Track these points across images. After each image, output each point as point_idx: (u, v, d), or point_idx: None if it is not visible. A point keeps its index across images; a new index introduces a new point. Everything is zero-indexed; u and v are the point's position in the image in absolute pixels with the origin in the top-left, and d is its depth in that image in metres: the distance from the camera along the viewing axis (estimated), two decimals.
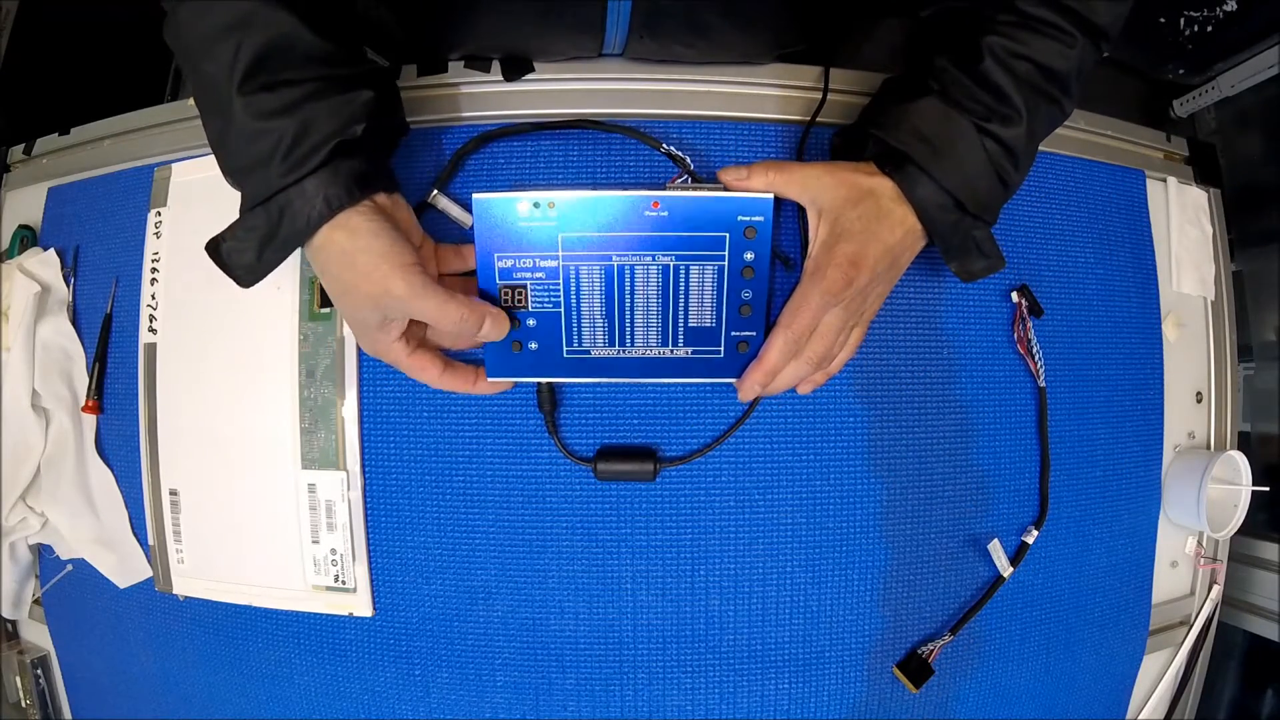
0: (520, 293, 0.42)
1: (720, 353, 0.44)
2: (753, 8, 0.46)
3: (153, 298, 0.51)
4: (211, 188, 0.37)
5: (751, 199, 0.40)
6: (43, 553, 0.57)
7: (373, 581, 0.49)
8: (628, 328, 0.43)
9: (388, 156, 0.43)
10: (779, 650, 0.49)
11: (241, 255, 0.38)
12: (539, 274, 0.41)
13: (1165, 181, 0.59)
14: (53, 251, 0.55)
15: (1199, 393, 0.59)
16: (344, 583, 0.49)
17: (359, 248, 0.37)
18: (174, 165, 0.52)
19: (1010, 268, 0.51)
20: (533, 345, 0.43)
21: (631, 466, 0.47)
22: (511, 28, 0.47)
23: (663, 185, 0.46)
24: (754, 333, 0.43)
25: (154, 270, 0.52)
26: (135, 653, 0.54)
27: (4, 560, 0.55)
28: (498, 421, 0.48)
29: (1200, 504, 0.53)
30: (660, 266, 0.41)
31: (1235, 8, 0.69)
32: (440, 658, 0.49)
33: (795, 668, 0.49)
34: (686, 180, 0.47)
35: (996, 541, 0.50)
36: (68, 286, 0.54)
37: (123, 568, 0.53)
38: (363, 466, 0.48)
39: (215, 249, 0.38)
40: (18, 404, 0.53)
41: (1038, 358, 0.51)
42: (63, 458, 0.53)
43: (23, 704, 0.58)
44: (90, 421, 0.54)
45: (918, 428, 0.50)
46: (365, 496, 0.49)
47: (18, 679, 0.58)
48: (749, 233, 0.41)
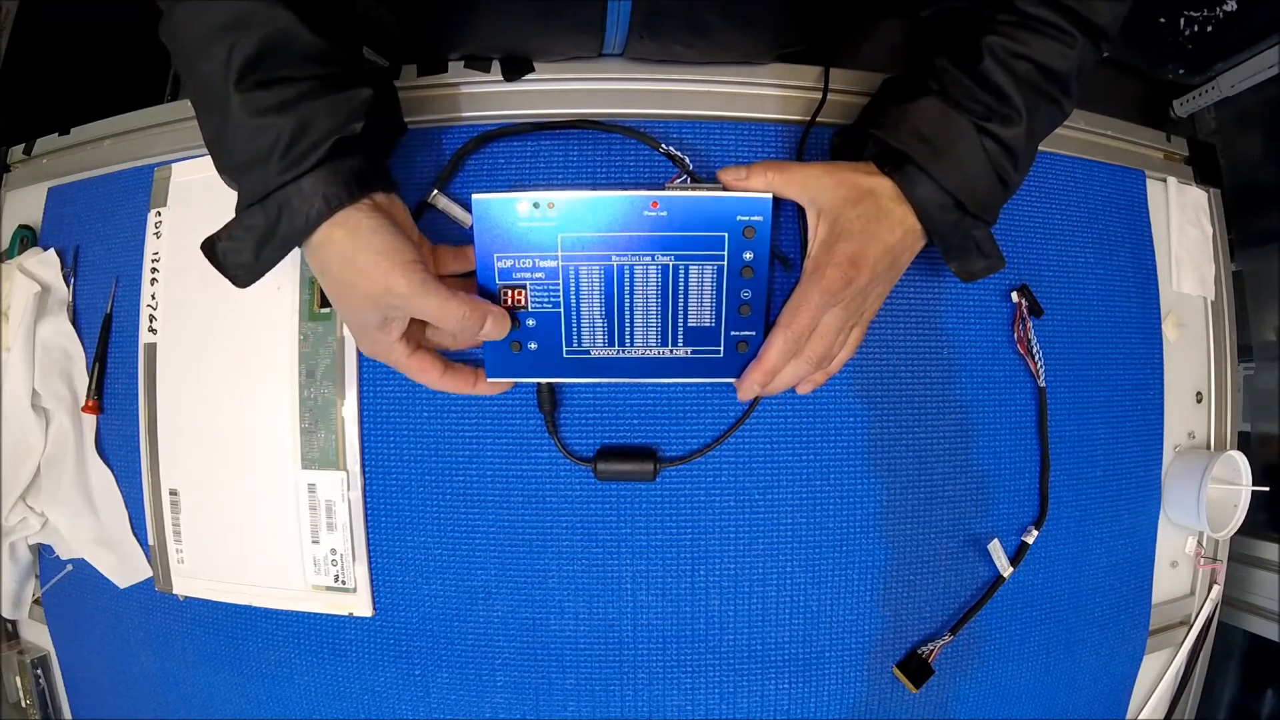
0: (520, 293, 0.42)
1: (720, 352, 0.44)
2: (753, 8, 0.46)
3: (153, 298, 0.51)
4: (211, 188, 0.37)
5: (750, 199, 0.40)
6: (43, 553, 0.57)
7: (373, 581, 0.49)
8: (627, 328, 0.43)
9: (385, 156, 0.43)
10: (779, 650, 0.49)
11: (238, 254, 0.37)
12: (539, 274, 0.41)
13: (1165, 181, 0.59)
14: (53, 251, 0.55)
15: (1199, 393, 0.59)
16: (344, 583, 0.49)
17: (359, 245, 0.36)
18: (174, 165, 0.52)
19: (1010, 268, 0.51)
20: (532, 345, 0.43)
21: (631, 466, 0.47)
22: (511, 28, 0.47)
23: (662, 185, 0.46)
24: (753, 332, 0.43)
25: (154, 270, 0.52)
26: (135, 653, 0.54)
27: (4, 560, 0.55)
28: (498, 421, 0.48)
29: (1200, 504, 0.53)
30: (660, 266, 0.41)
31: (1235, 8, 0.69)
32: (440, 658, 0.49)
33: (795, 668, 0.49)
34: (685, 180, 0.47)
35: (996, 541, 0.50)
36: (68, 286, 0.54)
37: (123, 568, 0.53)
38: (363, 466, 0.48)
39: (211, 248, 0.38)
40: (18, 404, 0.53)
41: (1038, 358, 0.51)
42: (63, 458, 0.53)
43: (23, 704, 0.58)
44: (90, 421, 0.54)
45: (918, 428, 0.50)
46: (365, 496, 0.49)
47: (18, 679, 0.58)
48: (748, 232, 0.41)
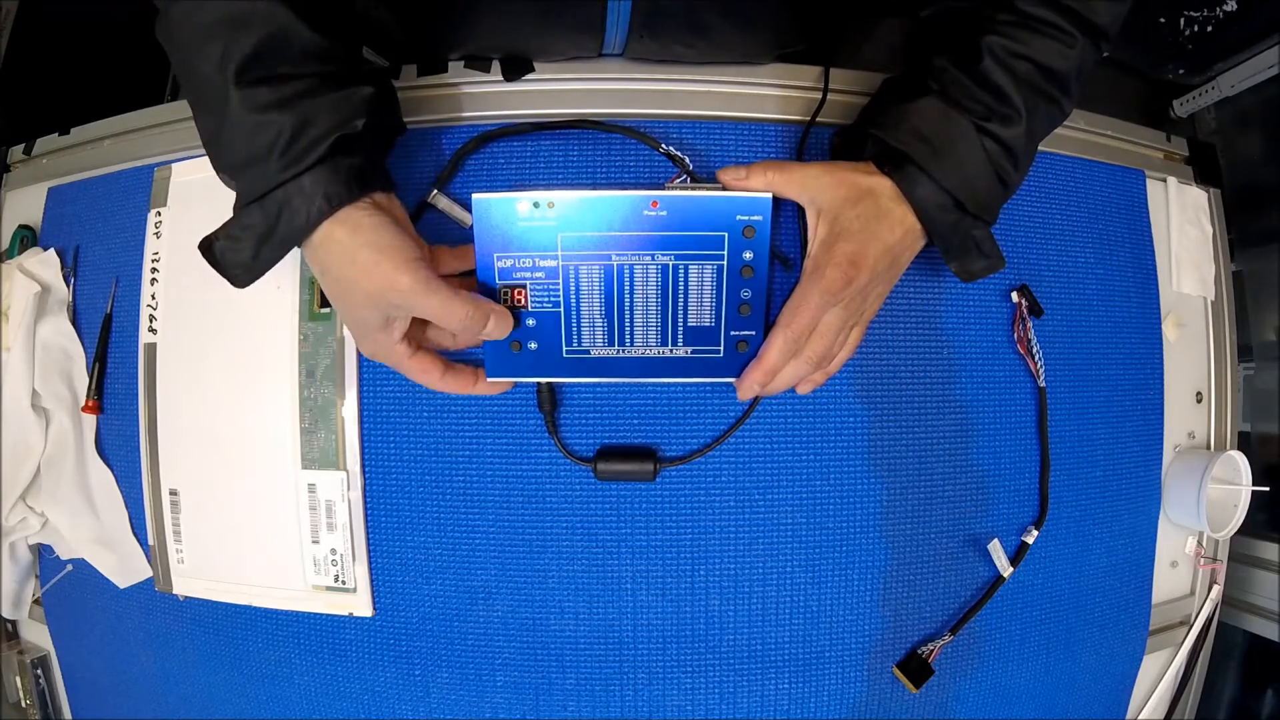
0: (520, 292, 0.42)
1: (720, 352, 0.44)
2: (753, 8, 0.46)
3: (153, 298, 0.51)
4: (211, 188, 0.37)
5: (750, 198, 0.40)
6: (43, 553, 0.57)
7: (373, 581, 0.49)
8: (627, 327, 0.43)
9: (384, 156, 0.43)
10: (779, 650, 0.49)
11: (237, 254, 0.37)
12: (539, 274, 0.41)
13: (1165, 181, 0.59)
14: (53, 251, 0.55)
15: (1199, 393, 0.59)
16: (344, 583, 0.49)
17: (361, 243, 0.36)
18: (174, 165, 0.52)
19: (1010, 268, 0.51)
20: (532, 345, 0.43)
21: (631, 466, 0.47)
22: (511, 28, 0.47)
23: (662, 185, 0.46)
24: (753, 332, 0.43)
25: (154, 270, 0.52)
26: (135, 653, 0.54)
27: (4, 560, 0.55)
28: (498, 421, 0.48)
29: (1200, 504, 0.53)
30: (659, 266, 0.41)
31: (1235, 8, 0.69)
32: (440, 658, 0.49)
33: (795, 668, 0.49)
34: (685, 180, 0.47)
35: (996, 541, 0.50)
36: (68, 286, 0.54)
37: (123, 568, 0.53)
38: (363, 466, 0.48)
39: (208, 248, 0.37)
40: (18, 404, 0.53)
41: (1038, 358, 0.51)
42: (63, 458, 0.53)
43: (23, 704, 0.58)
44: (90, 421, 0.54)
45: (918, 428, 0.50)
46: (365, 496, 0.49)
47: (18, 679, 0.58)
48: (748, 232, 0.41)
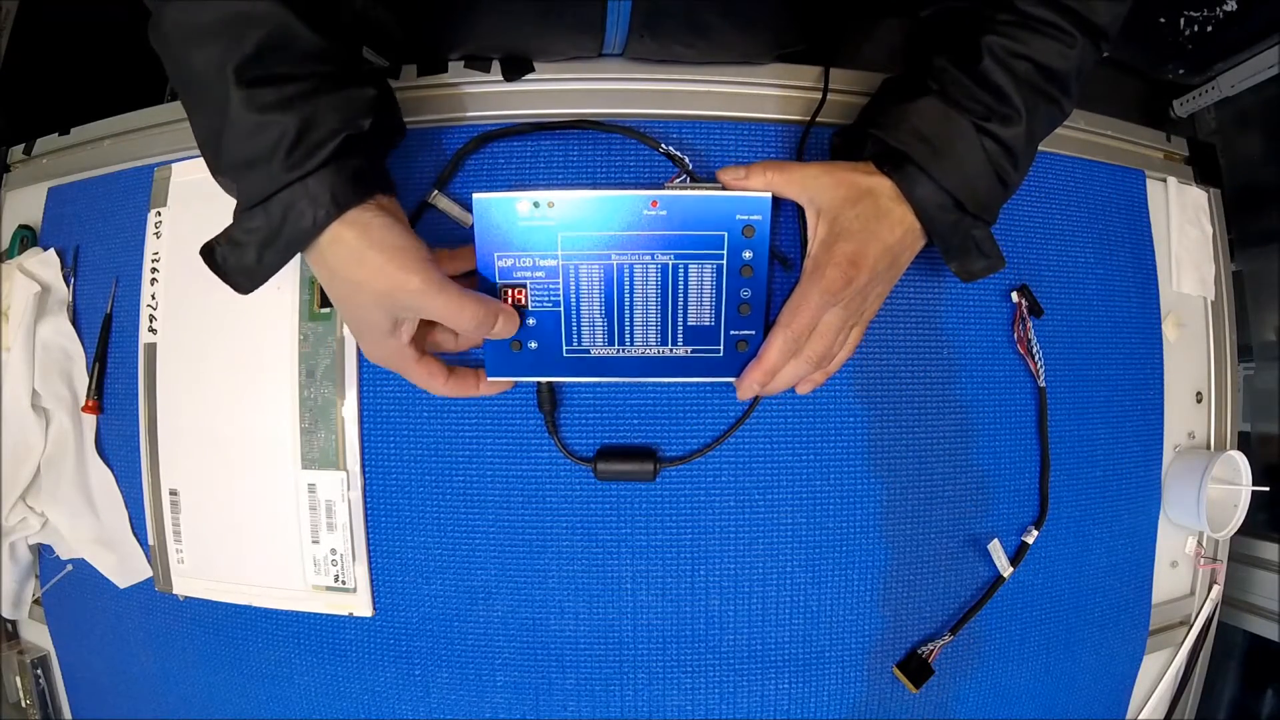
0: (520, 292, 0.42)
1: (720, 352, 0.44)
2: (753, 8, 0.46)
3: (153, 298, 0.51)
4: (212, 188, 0.37)
5: (750, 198, 0.40)
6: (43, 553, 0.57)
7: (373, 581, 0.49)
8: (627, 327, 0.43)
9: (385, 157, 0.43)
10: (779, 650, 0.49)
11: (240, 259, 0.36)
12: (539, 273, 0.41)
13: (1165, 181, 0.59)
14: (53, 251, 0.55)
15: (1199, 393, 0.59)
16: (344, 583, 0.49)
17: (370, 243, 0.36)
18: (174, 165, 0.52)
19: (1010, 268, 0.51)
20: (532, 345, 0.43)
21: (631, 466, 0.47)
22: (511, 28, 0.47)
23: (662, 185, 0.46)
24: (753, 332, 0.43)
25: (154, 270, 0.52)
26: (135, 653, 0.54)
27: (4, 560, 0.55)
28: (498, 421, 0.48)
29: (1200, 504, 0.53)
30: (659, 266, 0.41)
31: (1235, 8, 0.68)
32: (440, 658, 0.49)
33: (795, 668, 0.49)
34: (685, 180, 0.47)
35: (996, 541, 0.50)
36: (68, 286, 0.54)
37: (123, 568, 0.53)
38: (363, 466, 0.48)
39: (210, 254, 0.37)
40: (18, 404, 0.53)
41: (1038, 358, 0.51)
42: (63, 458, 0.53)
43: (23, 704, 0.58)
44: (90, 421, 0.54)
45: (918, 428, 0.50)
46: (365, 496, 0.49)
47: (18, 679, 0.58)
48: (747, 232, 0.41)
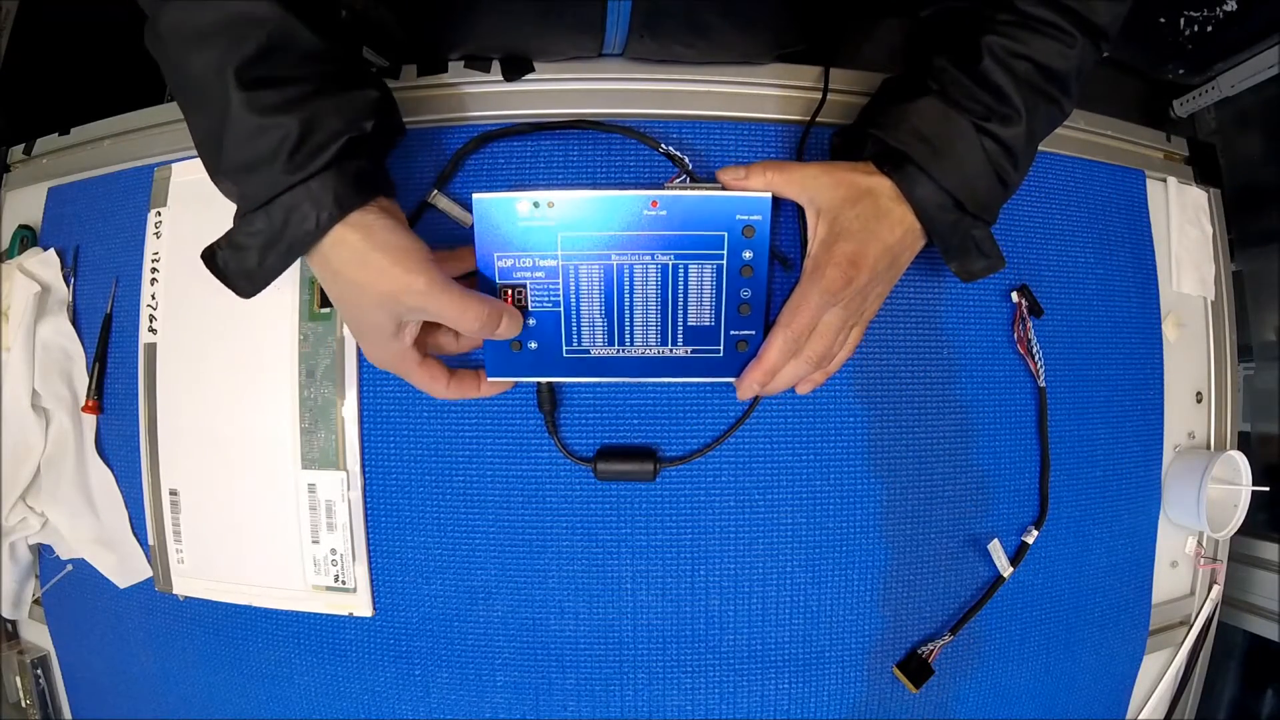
0: (520, 292, 0.42)
1: (719, 352, 0.44)
2: (753, 8, 0.46)
3: (153, 298, 0.51)
4: (212, 188, 0.37)
5: (749, 198, 0.40)
6: (43, 553, 0.57)
7: (373, 581, 0.49)
8: (627, 327, 0.43)
9: (385, 159, 0.43)
10: (779, 650, 0.49)
11: (241, 263, 0.36)
12: (539, 273, 0.41)
13: (1165, 181, 0.59)
14: (53, 251, 0.55)
15: (1199, 393, 0.59)
16: (344, 583, 0.49)
17: (375, 245, 0.36)
18: (174, 165, 0.52)
19: (1010, 268, 0.51)
20: (532, 345, 0.43)
21: (631, 466, 0.47)
22: (511, 28, 0.47)
23: (662, 185, 0.46)
24: (753, 332, 0.43)
25: (154, 270, 0.52)
26: (135, 653, 0.54)
27: (4, 560, 0.55)
28: (498, 421, 0.48)
29: (1200, 504, 0.53)
30: (659, 266, 0.41)
31: (1235, 8, 0.68)
32: (440, 658, 0.49)
33: (795, 668, 0.49)
34: (685, 180, 0.47)
35: (996, 541, 0.50)
36: (68, 286, 0.54)
37: (123, 568, 0.53)
38: (363, 466, 0.48)
39: (211, 258, 0.37)
40: (18, 404, 0.53)
41: (1038, 358, 0.51)
42: (63, 458, 0.53)
43: (23, 704, 0.58)
44: (90, 421, 0.53)
45: (918, 428, 0.50)
46: (365, 496, 0.49)
47: (18, 679, 0.58)
48: (747, 232, 0.41)
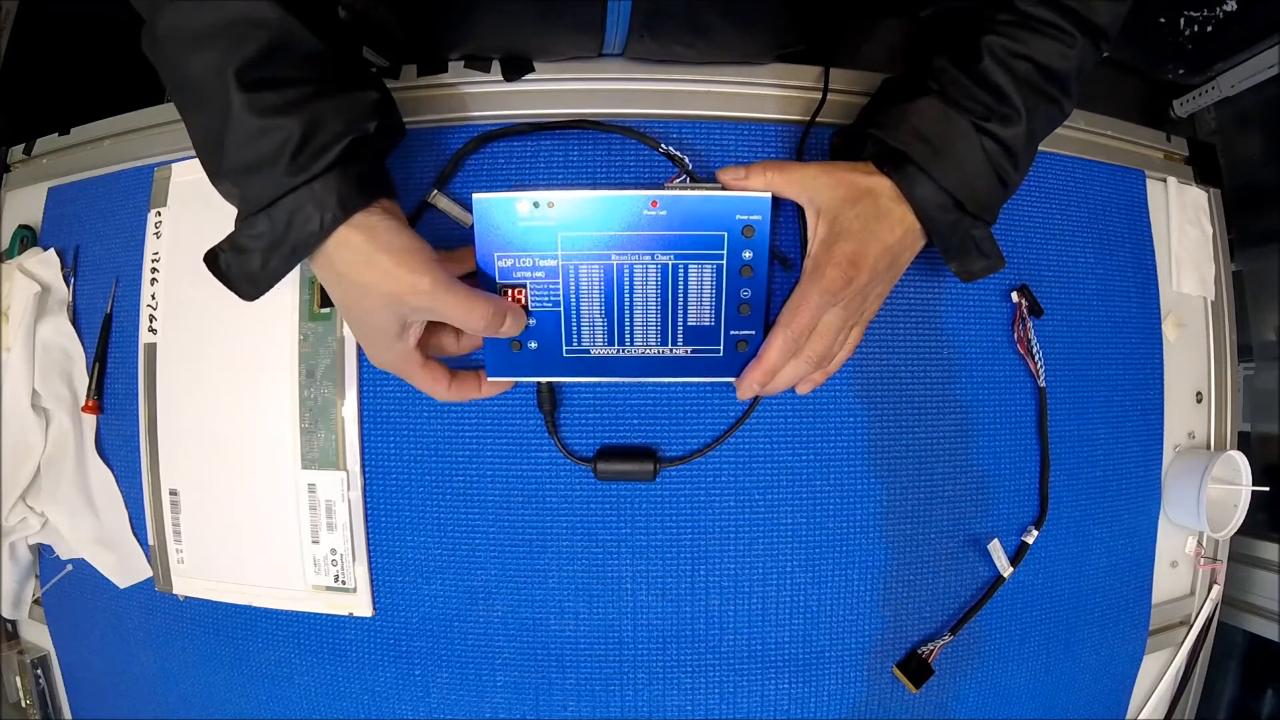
0: (520, 292, 0.42)
1: (719, 352, 0.44)
2: (753, 8, 0.46)
3: (153, 298, 0.51)
4: (211, 188, 0.37)
5: (749, 198, 0.40)
6: (43, 553, 0.57)
7: (373, 581, 0.49)
8: (627, 327, 0.43)
9: (385, 160, 0.43)
10: (779, 650, 0.49)
11: (244, 266, 0.36)
12: (539, 273, 0.41)
13: (1165, 181, 0.59)
14: (53, 251, 0.55)
15: (1199, 393, 0.59)
16: (344, 583, 0.49)
17: (379, 246, 0.36)
18: (174, 165, 0.52)
19: (1010, 268, 0.51)
20: (532, 345, 0.43)
21: (631, 466, 0.47)
22: (511, 28, 0.47)
23: (662, 185, 0.46)
24: (753, 331, 0.43)
25: (154, 270, 0.52)
26: (135, 653, 0.54)
27: (4, 560, 0.55)
28: (498, 421, 0.48)
29: (1200, 504, 0.53)
30: (659, 266, 0.41)
31: (1235, 8, 0.68)
32: (440, 658, 0.49)
33: (795, 668, 0.49)
34: (685, 180, 0.47)
35: (996, 541, 0.50)
36: (68, 286, 0.54)
37: (123, 568, 0.53)
38: (363, 466, 0.48)
39: (214, 261, 0.37)
40: (18, 404, 0.53)
41: (1038, 358, 0.51)
42: (63, 458, 0.53)
43: (23, 704, 0.58)
44: (90, 421, 0.53)
45: (918, 428, 0.50)
46: (365, 496, 0.49)
47: (18, 679, 0.58)
48: (747, 231, 0.41)
